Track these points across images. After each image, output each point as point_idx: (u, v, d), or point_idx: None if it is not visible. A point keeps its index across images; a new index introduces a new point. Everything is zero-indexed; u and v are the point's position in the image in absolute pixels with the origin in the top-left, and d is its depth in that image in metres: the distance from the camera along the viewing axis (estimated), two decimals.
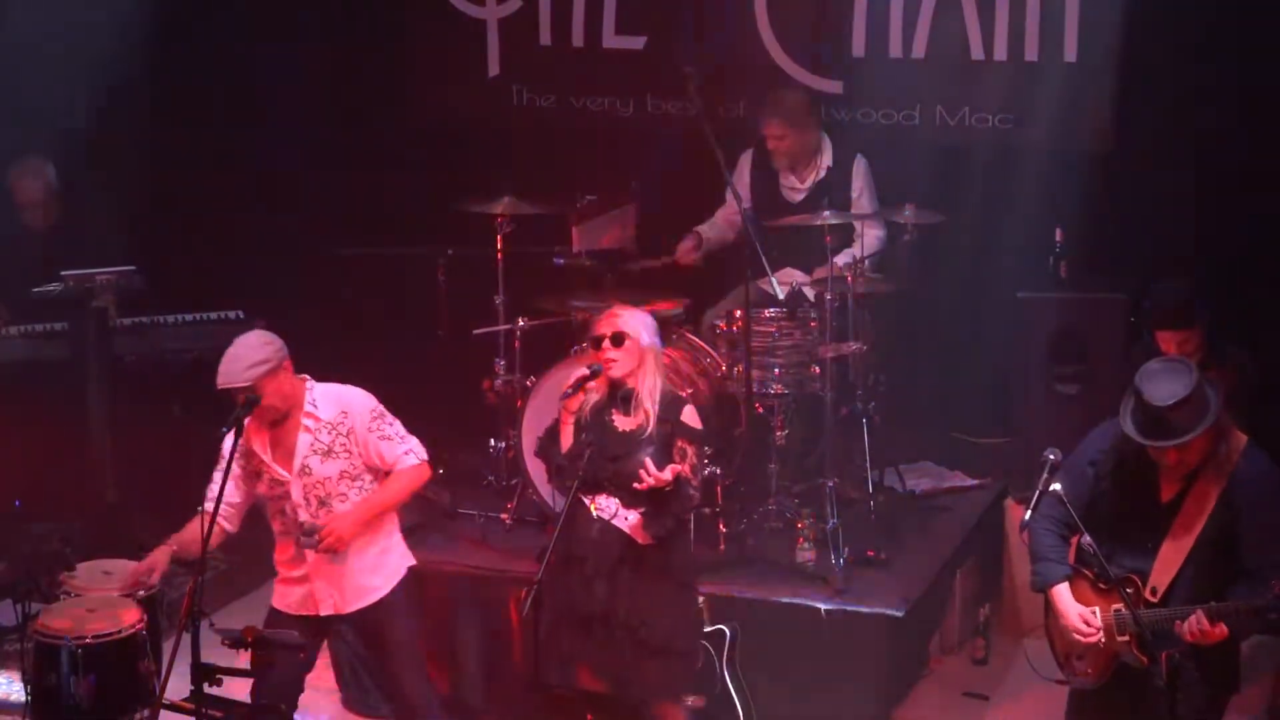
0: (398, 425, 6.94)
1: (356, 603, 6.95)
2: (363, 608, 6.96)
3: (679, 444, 6.87)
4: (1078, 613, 6.19)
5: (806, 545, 8.10)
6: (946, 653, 8.49)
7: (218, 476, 6.80)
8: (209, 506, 6.80)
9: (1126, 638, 6.13)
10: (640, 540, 6.85)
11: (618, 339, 6.88)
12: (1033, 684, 7.04)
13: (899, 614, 7.80)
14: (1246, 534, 6.03)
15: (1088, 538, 6.00)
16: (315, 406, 6.83)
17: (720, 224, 9.24)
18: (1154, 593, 6.09)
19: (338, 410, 6.85)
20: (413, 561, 7.14)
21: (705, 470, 7.05)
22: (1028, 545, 6.39)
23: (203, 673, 6.25)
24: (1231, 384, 7.28)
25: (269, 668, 6.40)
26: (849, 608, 7.79)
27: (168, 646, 6.54)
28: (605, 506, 6.89)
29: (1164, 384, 5.97)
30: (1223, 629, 5.94)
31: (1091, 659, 6.23)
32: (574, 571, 6.87)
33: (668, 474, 6.68)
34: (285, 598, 7.01)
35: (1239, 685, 6.37)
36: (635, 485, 6.74)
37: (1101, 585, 6.21)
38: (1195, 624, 5.94)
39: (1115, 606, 6.16)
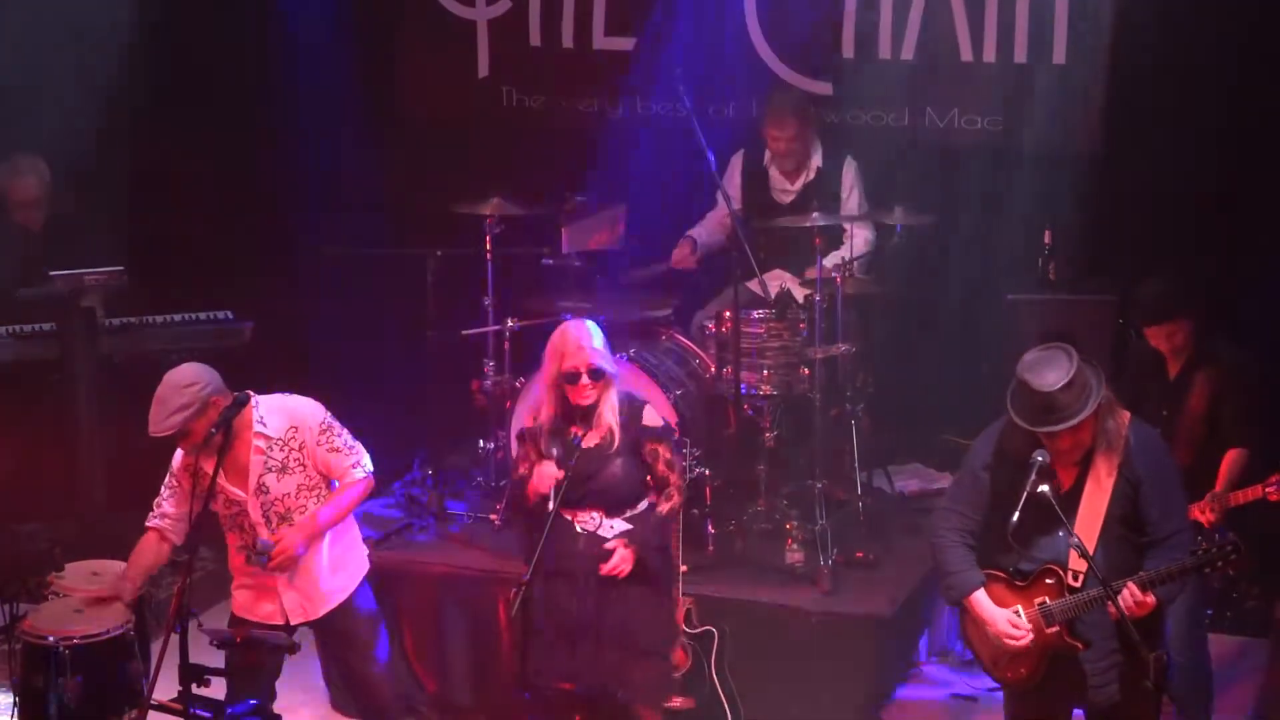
0: (346, 435, 6.87)
1: (325, 607, 6.94)
2: (329, 611, 6.95)
3: (648, 447, 6.89)
4: (1004, 617, 6.19)
5: (795, 546, 8.10)
6: (935, 654, 8.49)
7: (166, 490, 6.87)
8: (155, 523, 6.88)
9: (1056, 628, 6.15)
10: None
11: (596, 374, 6.87)
12: None
13: (887, 615, 7.80)
14: (1151, 505, 6.09)
15: (1076, 537, 6.01)
16: (264, 424, 6.74)
17: (712, 226, 9.24)
18: (1075, 578, 6.11)
19: (287, 425, 6.78)
20: (367, 561, 7.13)
21: (690, 463, 7.03)
22: (935, 562, 6.40)
23: (191, 673, 6.25)
24: (1220, 383, 7.31)
25: (245, 673, 6.45)
26: (837, 609, 7.79)
27: (156, 647, 6.54)
28: (588, 520, 6.92)
29: (1047, 370, 6.02)
30: (1152, 598, 5.99)
31: (1023, 658, 6.23)
32: (562, 585, 6.89)
33: (619, 562, 6.79)
34: (249, 607, 6.95)
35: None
36: (601, 570, 6.81)
37: (1018, 583, 6.22)
38: (1129, 597, 5.96)
39: (1038, 600, 6.17)
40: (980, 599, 6.24)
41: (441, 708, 8.12)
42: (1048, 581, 6.15)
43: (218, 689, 6.38)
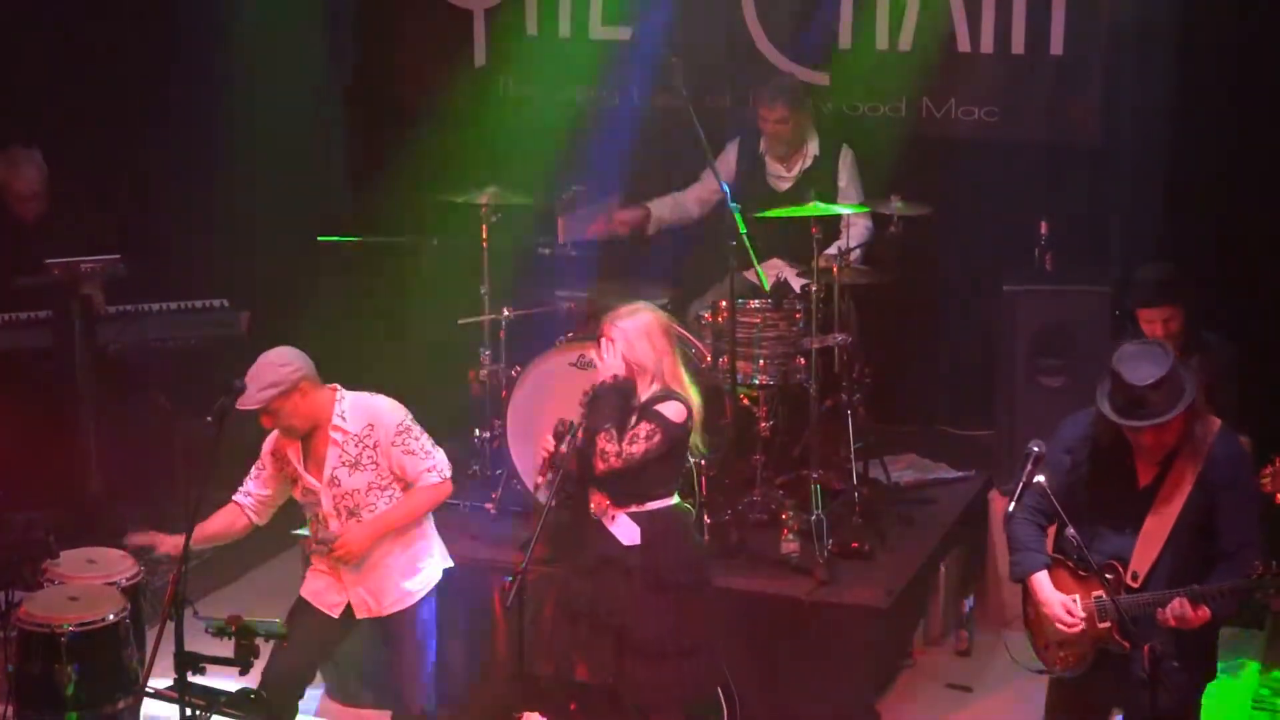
0: (424, 440, 6.92)
1: (393, 607, 6.98)
2: (395, 612, 6.99)
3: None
4: (1060, 601, 6.19)
5: (790, 537, 8.10)
6: (930, 644, 8.50)
7: (254, 470, 6.96)
8: (240, 499, 6.97)
9: (1108, 624, 6.14)
10: (624, 541, 6.79)
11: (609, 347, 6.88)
12: (1015, 675, 7.02)
13: (882, 606, 7.80)
14: (1224, 516, 6.05)
15: (1071, 529, 6.01)
16: (343, 419, 6.82)
17: (687, 201, 9.25)
18: (1134, 578, 6.10)
19: (365, 422, 6.84)
20: (449, 564, 7.17)
21: (637, 450, 6.86)
22: (1006, 536, 6.40)
23: (187, 661, 6.25)
24: (1214, 373, 7.32)
25: (283, 655, 6.61)
26: (833, 599, 7.79)
27: (151, 634, 6.54)
28: (598, 505, 6.93)
29: (1142, 365, 6.00)
30: (1205, 612, 5.95)
31: (1072, 647, 6.23)
32: (568, 565, 6.94)
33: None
34: (319, 594, 7.01)
35: (1215, 672, 6.38)
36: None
37: (1081, 573, 6.21)
38: (1178, 608, 5.95)
39: (1096, 593, 6.16)
40: (1041, 580, 6.23)
41: (437, 698, 8.11)
42: (1108, 576, 6.13)
43: (212, 677, 6.39)
